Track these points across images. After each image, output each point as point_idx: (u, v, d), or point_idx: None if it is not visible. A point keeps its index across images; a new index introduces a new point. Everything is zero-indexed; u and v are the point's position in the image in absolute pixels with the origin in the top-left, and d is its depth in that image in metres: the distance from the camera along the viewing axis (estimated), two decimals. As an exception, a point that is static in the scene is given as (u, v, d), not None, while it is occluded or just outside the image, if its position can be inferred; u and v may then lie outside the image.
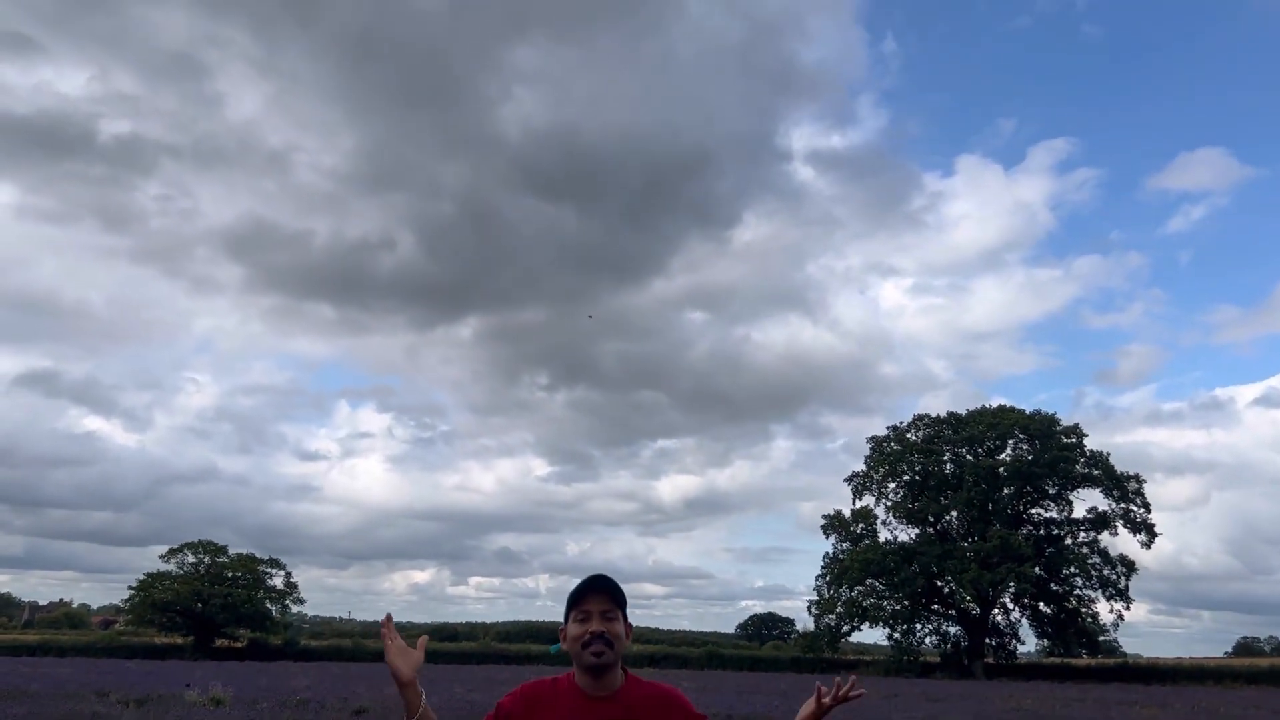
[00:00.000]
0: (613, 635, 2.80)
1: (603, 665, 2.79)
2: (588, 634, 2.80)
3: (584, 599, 2.86)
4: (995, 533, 62.18)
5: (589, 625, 2.82)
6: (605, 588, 2.86)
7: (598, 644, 2.78)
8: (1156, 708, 27.46)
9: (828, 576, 67.60)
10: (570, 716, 2.76)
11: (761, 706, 21.98)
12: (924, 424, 69.40)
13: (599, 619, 2.82)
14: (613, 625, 2.83)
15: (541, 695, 2.84)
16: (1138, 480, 64.51)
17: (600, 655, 2.78)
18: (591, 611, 2.84)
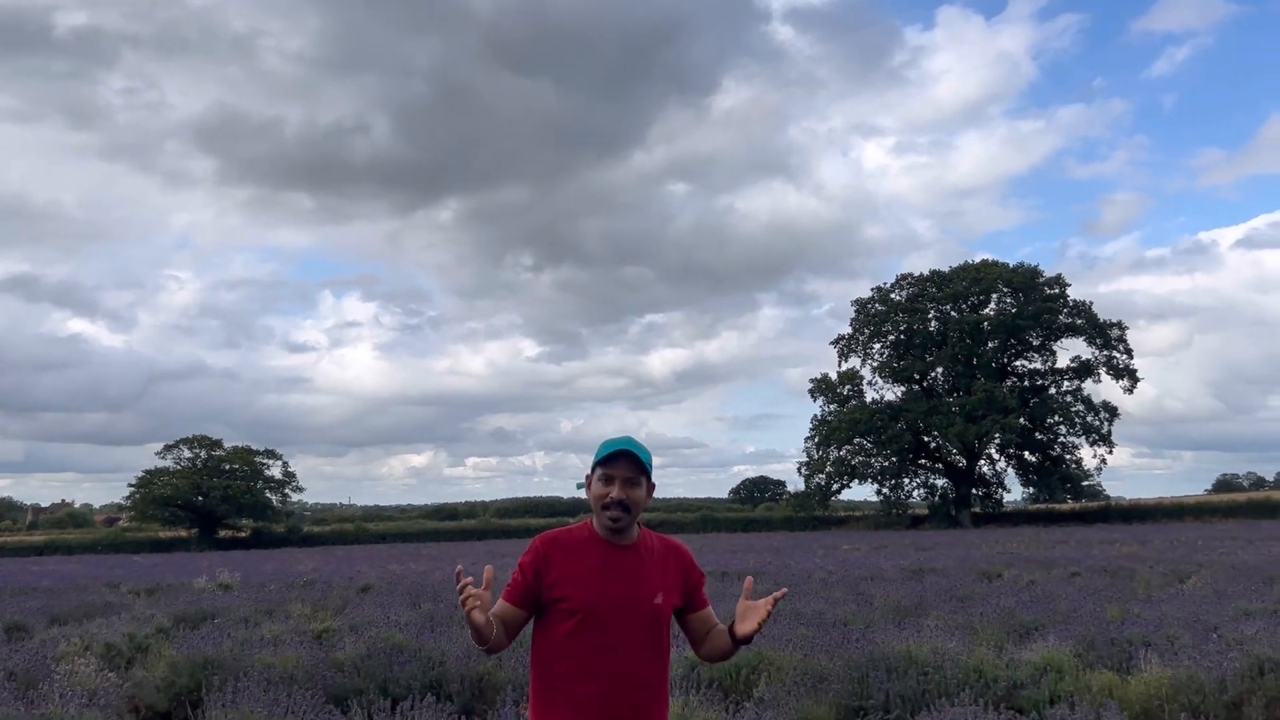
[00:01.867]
0: (632, 501, 2.96)
1: (619, 529, 2.97)
2: (609, 499, 2.95)
3: (611, 462, 2.97)
4: (980, 386, 63.20)
5: (611, 490, 2.95)
6: (630, 455, 2.98)
7: (616, 510, 2.94)
8: (1136, 544, 28.44)
9: (816, 438, 69.01)
10: (596, 561, 2.94)
11: (754, 562, 22.65)
12: (908, 283, 69.56)
13: (621, 485, 2.95)
14: (634, 492, 2.97)
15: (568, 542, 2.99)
16: (1120, 328, 65.30)
17: (617, 520, 2.95)
18: (615, 476, 2.96)
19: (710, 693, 7.42)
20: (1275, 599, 11.27)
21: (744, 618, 3.05)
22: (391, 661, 8.53)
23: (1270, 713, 6.68)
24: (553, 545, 2.97)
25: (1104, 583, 15.32)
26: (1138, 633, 8.56)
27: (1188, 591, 12.92)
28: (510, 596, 2.96)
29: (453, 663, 8.40)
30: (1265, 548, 23.75)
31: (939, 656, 7.45)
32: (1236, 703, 6.79)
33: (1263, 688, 6.81)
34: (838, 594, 14.27)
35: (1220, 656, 7.27)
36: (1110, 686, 7.08)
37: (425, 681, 8.19)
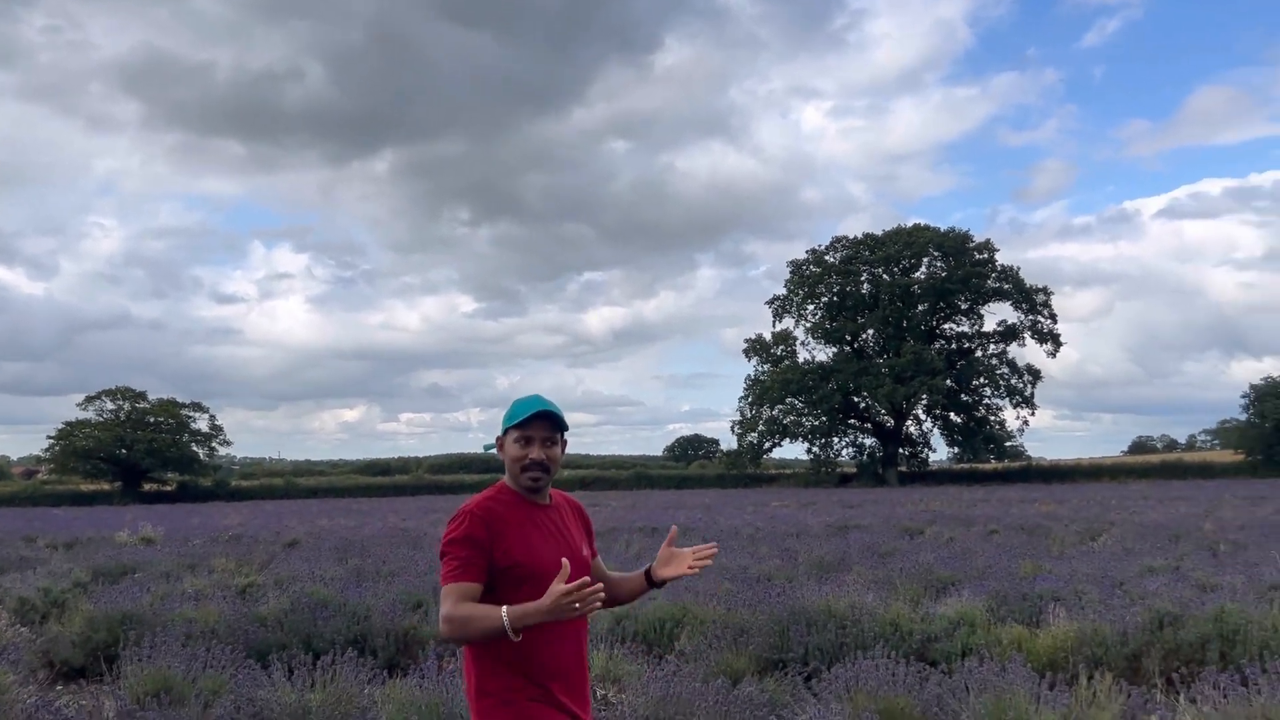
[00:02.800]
0: (550, 461, 2.94)
1: (538, 489, 2.96)
2: (529, 459, 2.92)
3: (529, 424, 2.95)
4: (909, 348, 64.42)
5: (530, 451, 2.92)
6: (548, 417, 2.96)
7: (536, 470, 2.92)
8: (1054, 503, 29.42)
9: (749, 397, 69.84)
10: (530, 524, 2.92)
11: (684, 519, 22.95)
12: (842, 246, 70.30)
13: (540, 445, 2.93)
14: (552, 451, 2.96)
15: (502, 509, 2.92)
16: (1045, 293, 66.94)
17: (537, 480, 2.94)
18: (534, 437, 2.94)
19: (634, 645, 7.54)
20: (1178, 556, 11.76)
21: (667, 563, 3.08)
22: (315, 616, 8.49)
23: (1167, 663, 6.98)
24: (491, 514, 2.89)
25: (1020, 540, 15.82)
26: (1048, 588, 8.87)
27: (1098, 549, 13.41)
28: (474, 575, 2.83)
29: (378, 617, 8.39)
30: (1173, 507, 24.72)
31: (857, 611, 7.63)
32: (1136, 654, 7.08)
33: (1161, 640, 7.11)
34: (764, 550, 14.54)
35: (1123, 611, 7.58)
36: (1019, 639, 7.33)
37: (349, 636, 8.17)
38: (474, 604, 2.75)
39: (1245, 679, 4.92)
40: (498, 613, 2.68)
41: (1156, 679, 6.45)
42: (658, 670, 5.96)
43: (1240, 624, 7.04)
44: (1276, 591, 8.47)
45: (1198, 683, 5.17)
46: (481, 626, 2.70)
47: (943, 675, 5.40)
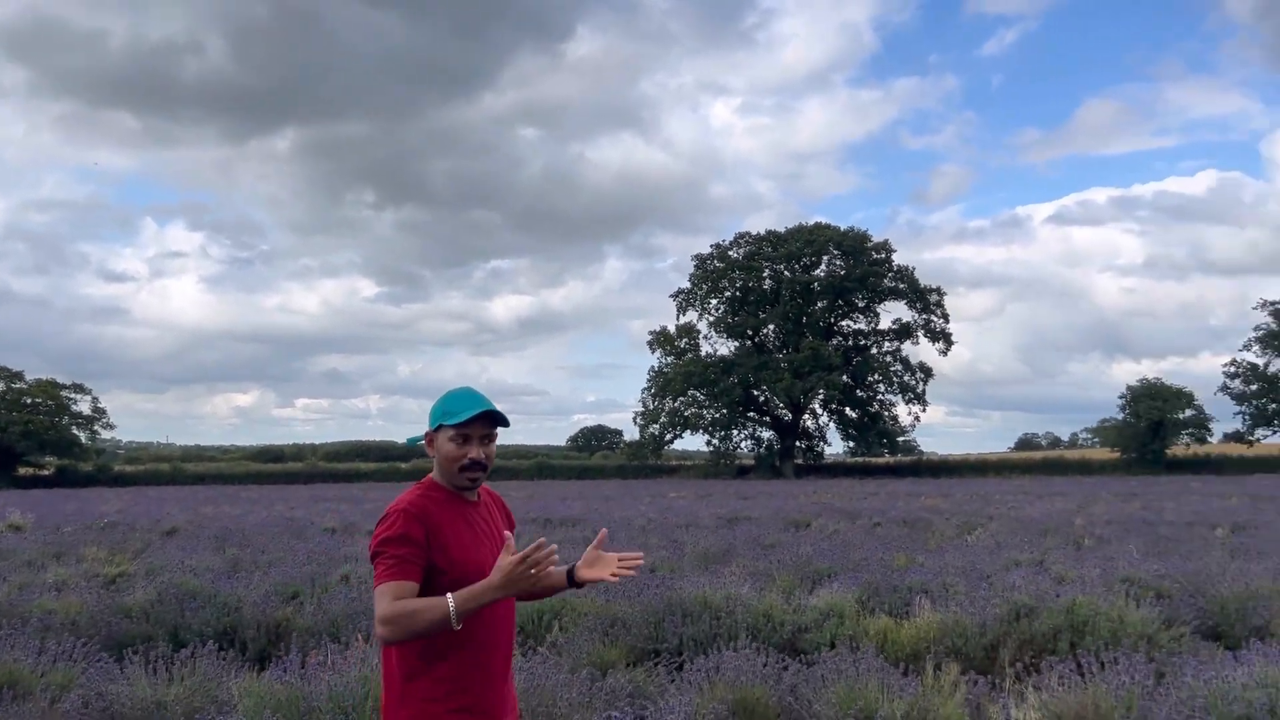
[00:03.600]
0: (488, 459, 2.89)
1: (474, 488, 2.91)
2: (469, 459, 2.85)
3: (469, 422, 2.86)
4: (808, 344, 65.78)
5: (469, 450, 2.85)
6: (489, 415, 2.89)
7: (476, 470, 2.86)
8: (939, 497, 30.38)
9: (652, 389, 70.41)
10: (464, 523, 2.85)
11: (579, 510, 23.01)
12: (745, 242, 71.28)
13: (479, 444, 2.87)
14: (489, 449, 2.90)
15: (436, 507, 2.83)
16: (939, 293, 69.04)
17: (474, 480, 2.88)
18: (472, 435, 2.86)
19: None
20: (1044, 550, 12.29)
21: (591, 565, 3.00)
22: (183, 608, 8.26)
23: (1022, 653, 7.30)
24: (425, 512, 2.79)
25: (901, 533, 16.31)
26: (918, 580, 9.18)
27: (972, 543, 13.91)
28: (411, 573, 2.72)
29: (249, 609, 8.21)
30: (1050, 503, 25.77)
31: (731, 602, 7.78)
32: (994, 644, 7.38)
33: (1017, 631, 7.43)
34: (653, 540, 14.66)
35: (985, 602, 7.88)
36: (886, 630, 7.57)
37: (219, 628, 7.99)
38: (414, 599, 2.63)
39: (1081, 669, 5.18)
40: (443, 601, 2.59)
41: (1007, 669, 6.73)
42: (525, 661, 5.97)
43: (1089, 615, 7.40)
44: (1128, 584, 8.93)
45: (1039, 673, 5.42)
46: (426, 619, 2.59)
47: (801, 666, 5.55)
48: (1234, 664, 5.12)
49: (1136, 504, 24.68)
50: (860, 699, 4.78)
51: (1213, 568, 9.71)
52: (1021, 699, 5.89)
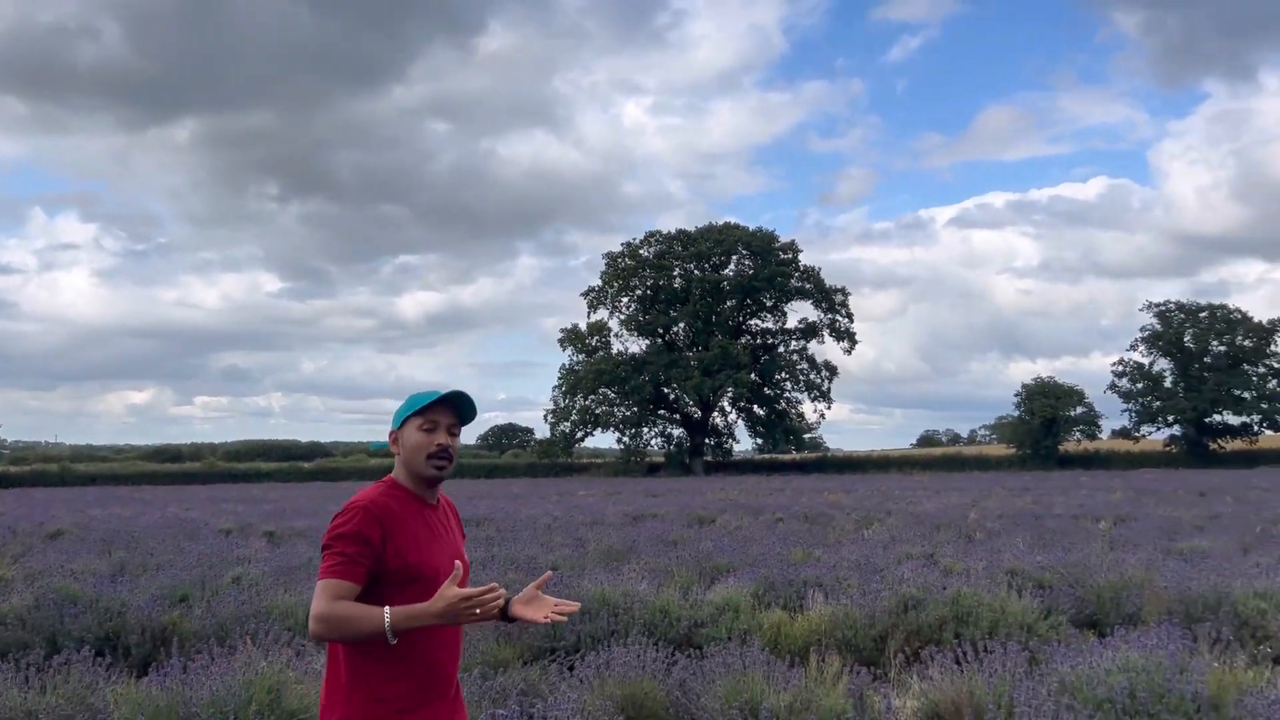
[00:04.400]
0: (454, 450, 2.86)
1: (441, 478, 2.85)
2: (436, 446, 2.81)
3: (435, 409, 2.84)
4: (717, 343, 66.55)
5: (436, 437, 2.82)
6: (456, 404, 2.87)
7: (442, 459, 2.81)
8: (842, 493, 31.02)
9: (563, 387, 70.28)
10: (421, 524, 2.80)
11: (486, 509, 22.82)
12: (656, 240, 71.70)
13: (445, 432, 2.83)
14: (455, 440, 2.87)
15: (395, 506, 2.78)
16: (843, 293, 70.55)
17: (441, 469, 2.83)
18: (439, 423, 2.83)
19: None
20: (935, 544, 12.67)
21: (528, 603, 2.90)
22: (63, 613, 7.96)
23: (909, 644, 7.52)
24: (385, 511, 2.74)
25: (802, 528, 16.62)
26: (813, 574, 9.37)
27: (869, 537, 14.25)
28: (356, 575, 2.66)
29: (133, 614, 7.95)
30: (946, 498, 26.56)
31: (629, 599, 7.83)
32: (882, 636, 7.59)
33: (904, 623, 7.66)
34: (558, 539, 14.66)
35: (875, 595, 8.10)
36: (779, 624, 7.71)
37: (100, 634, 7.72)
38: (351, 603, 2.59)
39: (958, 659, 5.37)
40: (379, 614, 2.56)
41: (892, 659, 6.93)
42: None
43: (973, 606, 7.66)
44: (1012, 575, 9.27)
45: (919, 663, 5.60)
46: (358, 628, 2.56)
47: (689, 660, 5.63)
48: (1101, 650, 5.37)
49: (1028, 498, 25.59)
50: (746, 692, 4.88)
51: (1092, 559, 10.14)
52: (905, 688, 6.09)
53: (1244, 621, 7.37)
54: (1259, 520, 16.57)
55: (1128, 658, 4.99)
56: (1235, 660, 6.07)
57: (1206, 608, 7.59)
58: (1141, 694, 4.65)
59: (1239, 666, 5.93)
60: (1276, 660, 6.47)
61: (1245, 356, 68.12)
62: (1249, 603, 7.58)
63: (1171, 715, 4.59)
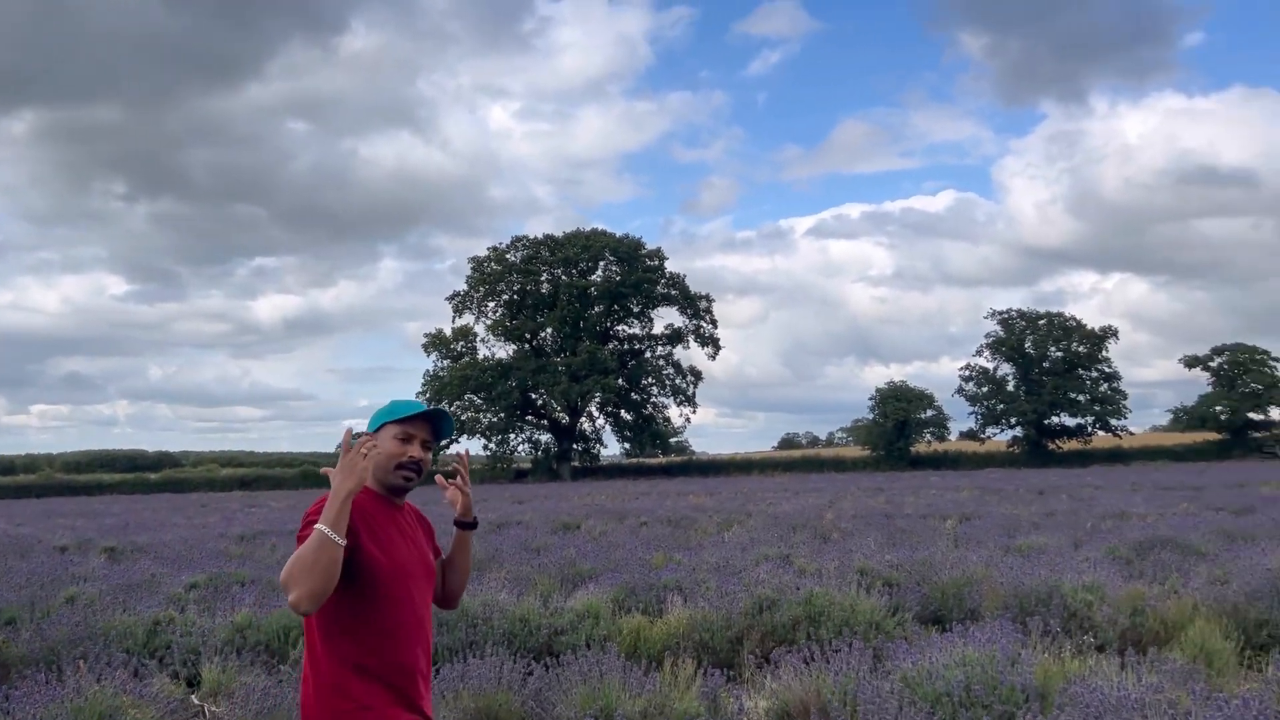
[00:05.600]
0: (424, 465, 2.92)
1: (406, 490, 2.93)
2: (407, 457, 2.87)
3: (413, 422, 2.90)
4: (585, 348, 66.63)
5: (410, 449, 2.88)
6: (435, 421, 2.95)
7: (411, 470, 2.88)
8: (706, 495, 31.53)
9: (427, 393, 69.03)
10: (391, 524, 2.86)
11: (345, 519, 22.19)
12: (523, 245, 71.34)
13: (419, 446, 2.90)
14: (426, 454, 2.93)
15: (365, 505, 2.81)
16: (708, 299, 71.78)
17: (409, 481, 2.90)
18: (415, 436, 2.89)
19: (253, 654, 7.18)
20: (791, 544, 13.01)
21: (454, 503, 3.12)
22: None
23: (764, 645, 7.69)
24: (358, 506, 2.75)
25: (666, 532, 16.80)
26: (673, 578, 9.48)
27: (729, 539, 14.52)
28: None
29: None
30: (805, 499, 27.30)
31: (489, 609, 7.76)
32: (739, 637, 7.75)
33: (760, 623, 7.84)
34: (419, 549, 14.39)
35: (732, 598, 8.25)
36: (639, 628, 7.78)
37: (-88, 663, 7.17)
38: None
39: (807, 658, 5.53)
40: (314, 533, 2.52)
41: (747, 660, 7.08)
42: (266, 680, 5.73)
43: (825, 605, 7.90)
44: (862, 574, 9.60)
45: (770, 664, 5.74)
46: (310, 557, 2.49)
47: (545, 670, 5.62)
48: (940, 646, 5.62)
49: (881, 499, 26.56)
50: (602, 698, 4.90)
51: (937, 557, 10.59)
52: (759, 689, 6.23)
53: (1072, 613, 7.82)
54: (1090, 516, 17.64)
55: (964, 653, 5.23)
56: (1063, 650, 6.45)
57: (1039, 601, 8.02)
58: (976, 687, 4.88)
59: (1066, 656, 6.30)
60: (1099, 649, 6.90)
61: (1079, 362, 72.52)
62: (1077, 595, 8.06)
63: (1003, 706, 4.84)
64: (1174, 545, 11.78)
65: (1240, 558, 9.67)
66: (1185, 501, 21.08)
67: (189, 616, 8.04)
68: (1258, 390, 70.41)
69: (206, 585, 10.35)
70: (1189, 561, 10.53)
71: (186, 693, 6.45)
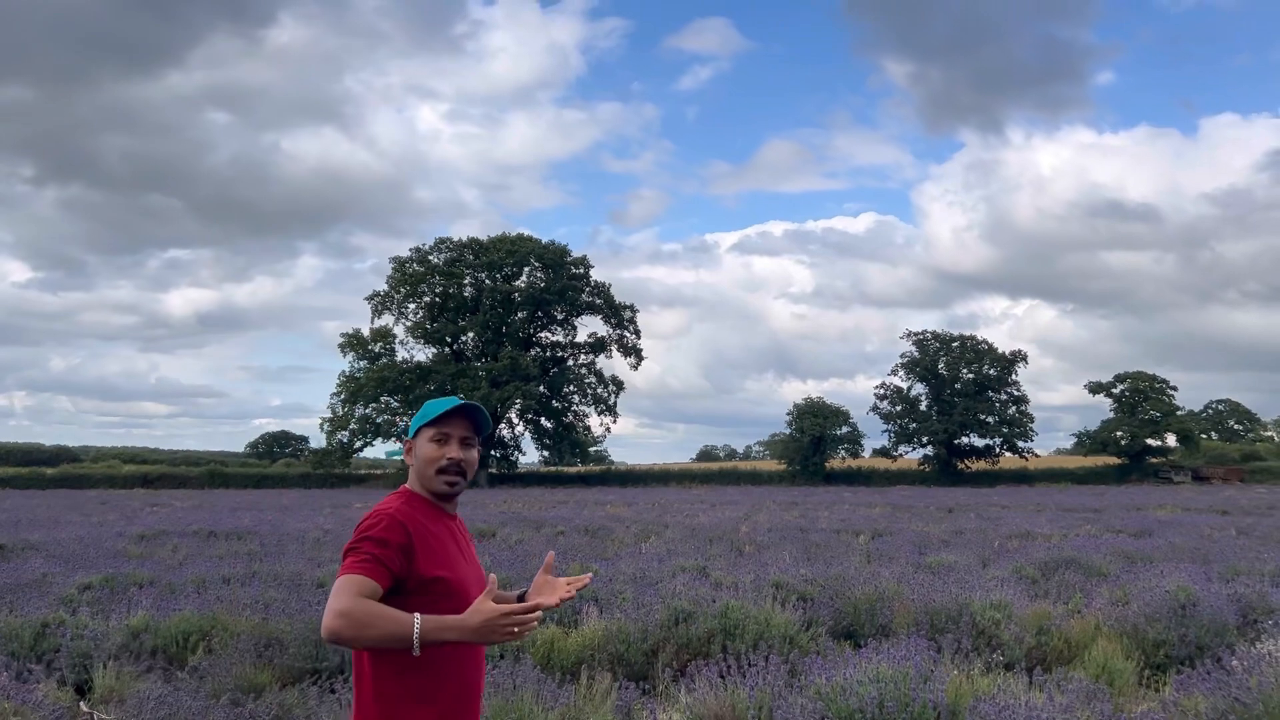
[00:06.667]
0: (468, 464, 2.77)
1: (455, 494, 2.78)
2: (446, 459, 2.73)
3: (447, 420, 2.76)
4: (507, 354, 66.12)
5: (447, 450, 2.74)
6: (472, 415, 2.78)
7: (454, 473, 2.74)
8: (624, 505, 31.52)
9: (343, 394, 67.79)
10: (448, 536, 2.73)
11: (249, 521, 21.63)
12: (447, 247, 70.58)
13: (458, 445, 2.75)
14: (470, 453, 2.78)
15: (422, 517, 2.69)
16: (632, 310, 71.89)
17: (454, 485, 2.75)
18: (451, 435, 2.75)
19: (150, 660, 6.89)
20: (708, 556, 13.03)
21: (540, 591, 2.82)
22: None
23: (680, 657, 7.65)
24: (413, 520, 2.63)
25: (583, 541, 16.70)
26: (588, 589, 9.39)
27: (646, 550, 14.49)
28: (380, 575, 2.49)
29: None
30: (721, 511, 27.45)
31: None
32: (654, 649, 7.69)
33: (676, 636, 7.79)
34: (328, 554, 14.05)
35: (648, 609, 8.20)
36: (554, 639, 7.67)
37: None
38: (378, 603, 2.42)
39: (722, 672, 5.50)
40: (409, 619, 2.38)
41: (661, 673, 7.03)
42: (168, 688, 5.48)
43: (740, 619, 7.89)
44: (777, 588, 9.64)
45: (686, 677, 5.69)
46: (385, 630, 2.37)
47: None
48: (855, 661, 5.65)
49: (796, 512, 26.85)
50: (515, 711, 4.80)
51: (850, 572, 10.70)
52: (674, 702, 6.18)
53: (981, 631, 7.96)
54: (997, 535, 18.07)
55: (878, 669, 5.26)
56: (973, 668, 6.55)
57: (949, 618, 8.14)
58: (889, 703, 4.91)
59: (976, 673, 6.40)
60: (1007, 667, 7.02)
61: (990, 384, 74.46)
62: (986, 613, 8.20)
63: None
64: (1077, 565, 12.10)
65: (1139, 579, 9.97)
66: (1087, 523, 21.74)
67: (81, 619, 7.68)
68: (1156, 417, 73.19)
69: (101, 586, 9.93)
70: (1091, 582, 10.83)
71: (75, 699, 6.15)
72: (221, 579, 10.29)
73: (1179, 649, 7.65)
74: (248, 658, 6.75)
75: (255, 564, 11.92)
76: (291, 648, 7.17)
